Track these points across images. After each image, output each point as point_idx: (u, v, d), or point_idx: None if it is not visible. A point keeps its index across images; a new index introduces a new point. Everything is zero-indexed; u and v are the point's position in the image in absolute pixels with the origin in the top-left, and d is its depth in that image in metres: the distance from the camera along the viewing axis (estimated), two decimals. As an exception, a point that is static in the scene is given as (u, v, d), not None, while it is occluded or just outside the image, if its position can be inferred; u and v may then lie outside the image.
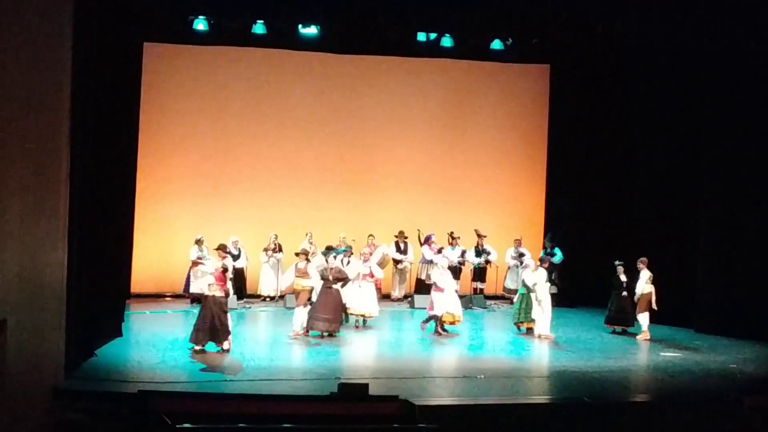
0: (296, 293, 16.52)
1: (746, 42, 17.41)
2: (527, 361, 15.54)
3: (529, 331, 17.18)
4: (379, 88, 21.68)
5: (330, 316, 16.13)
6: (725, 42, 17.69)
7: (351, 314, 17.26)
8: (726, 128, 18.23)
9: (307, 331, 16.13)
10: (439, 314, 16.84)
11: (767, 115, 17.79)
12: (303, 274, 16.35)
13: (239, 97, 20.96)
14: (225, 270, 15.04)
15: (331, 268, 16.45)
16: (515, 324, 17.43)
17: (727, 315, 17.91)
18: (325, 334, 16.14)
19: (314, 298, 16.37)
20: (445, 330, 16.95)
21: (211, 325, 14.65)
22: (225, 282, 15.03)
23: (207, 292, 14.93)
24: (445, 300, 16.90)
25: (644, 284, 17.18)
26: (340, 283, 16.39)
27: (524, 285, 17.29)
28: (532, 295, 17.06)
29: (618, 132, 20.98)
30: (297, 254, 16.82)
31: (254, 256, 19.83)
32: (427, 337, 16.77)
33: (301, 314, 16.17)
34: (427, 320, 17.06)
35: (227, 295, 15.10)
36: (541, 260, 17.58)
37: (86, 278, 13.25)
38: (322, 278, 16.30)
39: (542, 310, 17.03)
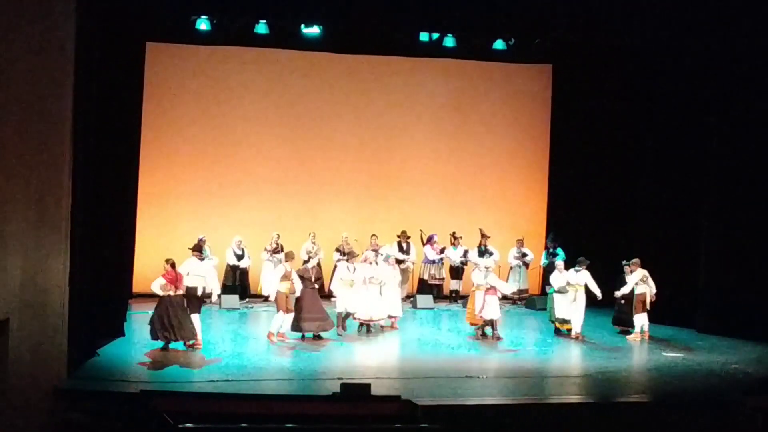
0: (284, 297, 15.91)
1: (751, 41, 17.39)
2: (529, 361, 15.51)
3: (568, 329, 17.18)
4: (382, 88, 21.67)
5: (320, 315, 15.99)
6: (729, 41, 17.67)
7: (356, 319, 16.98)
8: (729, 128, 18.19)
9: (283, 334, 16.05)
10: (496, 318, 16.69)
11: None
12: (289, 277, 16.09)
13: (242, 97, 20.97)
14: (173, 266, 14.98)
15: (311, 268, 16.32)
16: (551, 321, 17.50)
17: (729, 315, 17.87)
18: (319, 334, 16.04)
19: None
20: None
21: (170, 324, 14.65)
22: (176, 281, 14.89)
23: (161, 293, 14.75)
24: (496, 302, 16.78)
25: (634, 284, 17.13)
26: (317, 283, 16.17)
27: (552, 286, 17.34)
28: (567, 295, 17.00)
29: (620, 132, 20.94)
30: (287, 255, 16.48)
31: (257, 256, 19.83)
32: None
33: (288, 318, 16.00)
34: (484, 326, 16.83)
35: (182, 292, 14.97)
36: (579, 261, 17.38)
37: (88, 278, 13.26)
38: (303, 279, 16.01)
39: (578, 310, 16.99)
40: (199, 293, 15.21)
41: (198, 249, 15.79)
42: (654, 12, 17.29)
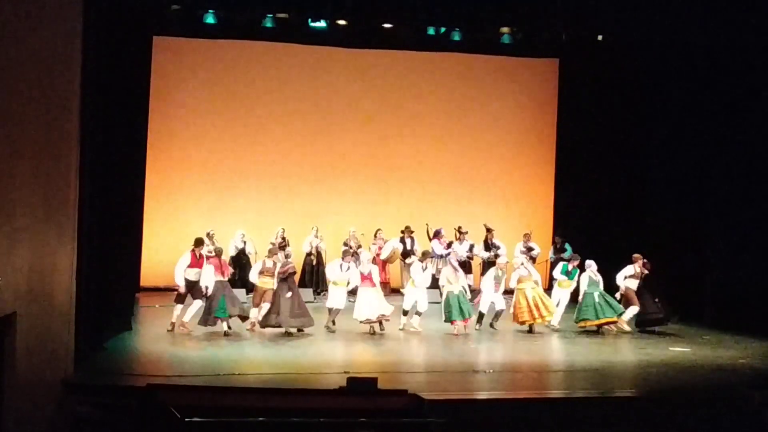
0: (262, 291, 16.10)
1: (758, 37, 17.34)
2: (535, 355, 15.52)
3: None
4: (388, 82, 21.70)
5: (301, 310, 15.97)
6: (738, 36, 17.61)
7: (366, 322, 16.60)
8: (737, 122, 18.17)
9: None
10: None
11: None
12: (271, 273, 16.14)
13: (248, 91, 21.01)
14: (219, 254, 16.26)
15: (284, 264, 16.35)
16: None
17: (737, 310, 17.85)
18: (300, 329, 16.02)
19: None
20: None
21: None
22: (221, 267, 15.95)
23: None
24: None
25: (623, 279, 17.15)
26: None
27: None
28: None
29: (627, 126, 20.90)
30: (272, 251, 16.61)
31: (263, 250, 19.80)
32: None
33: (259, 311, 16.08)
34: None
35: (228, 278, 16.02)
36: (572, 257, 17.49)
37: (96, 272, 13.28)
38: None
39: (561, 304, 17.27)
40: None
41: (203, 239, 16.09)
42: (661, 6, 17.25)
